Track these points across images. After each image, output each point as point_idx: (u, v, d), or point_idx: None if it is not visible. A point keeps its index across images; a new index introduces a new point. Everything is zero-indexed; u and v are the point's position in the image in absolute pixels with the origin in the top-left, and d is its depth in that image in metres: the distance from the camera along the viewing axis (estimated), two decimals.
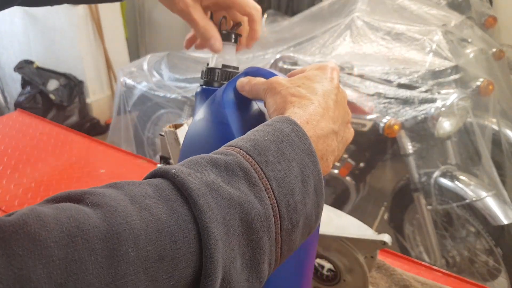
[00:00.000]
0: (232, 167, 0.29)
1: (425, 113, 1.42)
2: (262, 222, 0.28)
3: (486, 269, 1.44)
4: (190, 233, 0.25)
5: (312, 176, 0.32)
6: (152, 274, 0.23)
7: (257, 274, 0.28)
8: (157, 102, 2.05)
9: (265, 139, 0.32)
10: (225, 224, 0.26)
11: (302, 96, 0.38)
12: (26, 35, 2.96)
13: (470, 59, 1.58)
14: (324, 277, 0.62)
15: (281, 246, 0.30)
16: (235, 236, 0.27)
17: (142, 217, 0.24)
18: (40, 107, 2.74)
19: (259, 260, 0.28)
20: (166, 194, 0.26)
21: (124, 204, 0.24)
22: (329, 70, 0.41)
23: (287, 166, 0.31)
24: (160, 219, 0.24)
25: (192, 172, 0.27)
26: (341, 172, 1.65)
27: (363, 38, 1.62)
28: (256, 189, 0.29)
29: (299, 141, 0.33)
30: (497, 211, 1.33)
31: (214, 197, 0.26)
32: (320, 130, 0.36)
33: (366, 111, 1.50)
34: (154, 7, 3.58)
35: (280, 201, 0.29)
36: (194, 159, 0.30)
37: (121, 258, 0.22)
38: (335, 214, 0.63)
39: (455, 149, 1.52)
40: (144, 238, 0.23)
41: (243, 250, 0.27)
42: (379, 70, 1.52)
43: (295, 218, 0.30)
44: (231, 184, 0.28)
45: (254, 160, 0.30)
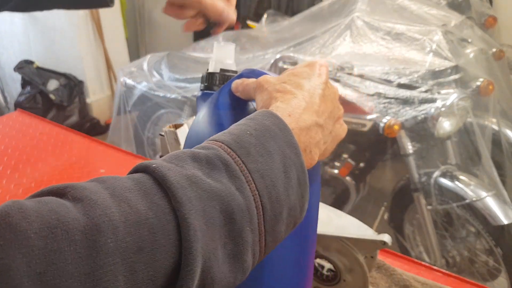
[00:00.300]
0: (213, 161, 0.30)
1: (425, 113, 1.42)
2: (244, 213, 0.29)
3: (486, 269, 1.44)
4: (169, 224, 0.25)
5: (294, 168, 0.33)
6: (130, 264, 0.23)
7: (240, 264, 0.29)
8: (157, 102, 2.05)
9: (246, 132, 0.33)
10: (205, 215, 0.27)
11: (286, 91, 0.39)
12: (26, 35, 2.96)
13: (470, 59, 1.58)
14: (324, 277, 0.62)
15: (265, 237, 0.31)
16: (216, 227, 0.27)
17: (121, 210, 0.24)
18: (40, 107, 2.74)
19: (241, 250, 0.29)
20: (146, 187, 0.27)
21: (103, 197, 0.24)
22: (317, 66, 0.42)
23: (269, 158, 0.32)
24: (139, 211, 0.25)
25: (172, 166, 0.28)
26: (341, 172, 1.65)
27: (363, 38, 1.62)
28: (237, 181, 0.29)
29: (280, 133, 0.34)
30: (497, 211, 1.33)
31: (193, 189, 0.27)
32: (302, 122, 0.36)
33: (366, 111, 1.50)
34: (154, 7, 3.59)
35: (262, 192, 0.30)
36: (176, 153, 0.30)
37: (100, 249, 0.22)
38: (335, 214, 0.63)
39: (455, 149, 1.52)
40: (123, 230, 0.23)
41: (224, 241, 0.28)
42: (379, 70, 1.52)
43: (278, 209, 0.31)
44: (211, 177, 0.29)
45: (235, 153, 0.31)
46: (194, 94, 1.93)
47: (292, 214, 0.33)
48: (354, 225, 0.60)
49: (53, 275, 0.21)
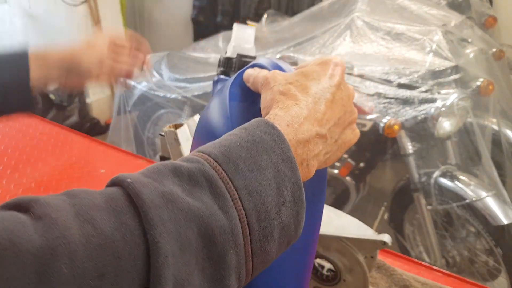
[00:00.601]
0: (195, 176, 0.28)
1: (425, 113, 1.42)
2: (227, 235, 0.26)
3: (486, 269, 1.44)
4: (137, 248, 0.23)
5: (289, 184, 0.31)
6: None
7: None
8: (157, 102, 2.05)
9: (236, 144, 0.30)
10: (179, 238, 0.25)
11: (289, 95, 0.36)
12: (26, 35, 2.95)
13: (470, 59, 1.58)
14: (324, 277, 0.62)
15: (252, 258, 0.28)
16: (192, 251, 0.25)
17: (83, 231, 0.22)
18: (40, 107, 2.74)
19: (223, 274, 0.26)
20: (117, 205, 0.24)
21: (66, 216, 0.22)
22: (331, 66, 0.38)
23: (260, 174, 0.29)
24: (104, 233, 0.23)
25: (149, 182, 0.26)
26: (341, 172, 1.65)
27: (363, 38, 1.62)
28: (221, 200, 0.27)
29: (276, 147, 0.31)
30: (497, 211, 1.33)
31: (169, 209, 0.25)
32: (301, 134, 0.34)
33: (366, 111, 1.50)
34: (154, 7, 3.58)
35: (249, 211, 0.28)
36: (157, 166, 0.28)
37: (52, 275, 0.20)
38: (335, 214, 0.63)
39: (455, 149, 1.51)
40: (82, 254, 0.21)
41: (203, 265, 0.26)
42: (379, 70, 1.52)
43: (268, 228, 0.29)
44: (192, 194, 0.27)
45: (221, 168, 0.28)
46: (194, 94, 1.93)
47: (285, 233, 0.31)
48: (354, 225, 0.60)
49: None
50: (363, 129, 1.52)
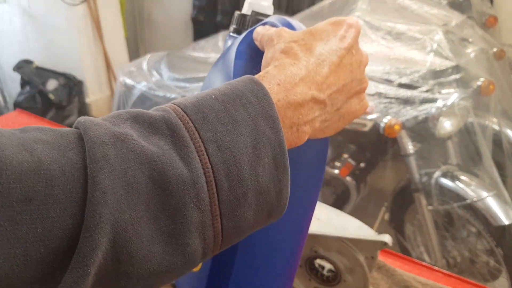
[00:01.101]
0: (156, 124, 0.26)
1: (426, 113, 1.42)
2: (186, 187, 0.24)
3: (487, 270, 1.44)
4: (75, 181, 0.22)
5: (269, 145, 0.28)
6: (11, 214, 0.20)
7: (179, 247, 0.25)
8: (156, 102, 2.04)
9: (211, 96, 0.28)
10: (125, 178, 0.23)
11: (290, 53, 0.33)
12: (25, 35, 2.95)
13: (471, 58, 1.58)
14: (324, 277, 0.62)
15: (221, 220, 0.26)
16: (141, 195, 0.23)
17: (18, 156, 0.21)
18: (39, 107, 2.74)
19: (181, 230, 0.24)
20: (65, 141, 0.23)
21: (5, 142, 0.21)
22: (344, 27, 0.35)
23: (234, 128, 0.27)
24: (40, 161, 0.21)
25: (104, 123, 0.24)
26: (342, 172, 1.65)
27: (363, 37, 1.62)
28: (184, 150, 0.25)
29: (256, 102, 0.28)
30: (498, 212, 1.33)
31: (117, 148, 0.23)
32: (293, 96, 0.30)
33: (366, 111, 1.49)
34: (154, 6, 3.58)
35: (217, 166, 0.26)
36: (119, 112, 0.26)
37: None
38: (335, 214, 0.63)
39: (456, 149, 1.51)
40: (9, 174, 0.20)
41: (155, 214, 0.24)
42: (379, 70, 1.52)
43: (240, 189, 0.26)
44: (149, 140, 0.25)
45: (189, 117, 0.26)
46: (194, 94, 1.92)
47: (264, 200, 0.28)
48: (355, 226, 0.60)
49: None
50: (363, 129, 1.52)
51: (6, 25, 2.98)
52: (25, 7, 2.82)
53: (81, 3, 2.69)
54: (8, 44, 3.05)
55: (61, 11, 2.70)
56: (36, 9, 2.80)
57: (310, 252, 0.60)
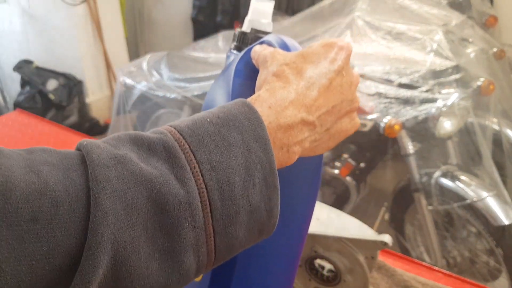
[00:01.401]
0: (154, 146, 0.27)
1: (426, 113, 1.42)
2: (182, 207, 0.25)
3: (487, 270, 1.44)
4: (78, 202, 0.23)
5: (260, 165, 0.29)
6: (19, 233, 0.21)
7: (175, 264, 0.26)
8: (156, 102, 2.04)
9: (206, 119, 0.29)
10: (125, 199, 0.24)
11: (281, 77, 0.34)
12: (25, 35, 2.95)
13: (471, 58, 1.58)
14: (324, 277, 0.62)
15: (214, 238, 0.27)
16: (140, 215, 0.24)
17: (25, 178, 0.22)
18: (39, 107, 2.74)
19: (177, 248, 0.25)
20: (69, 163, 0.24)
21: (12, 163, 0.23)
22: (335, 49, 0.36)
23: (227, 150, 0.28)
24: (46, 182, 0.23)
25: (105, 146, 0.26)
26: (342, 172, 1.65)
27: (363, 37, 1.62)
28: (180, 171, 0.26)
29: (248, 125, 0.30)
30: (498, 212, 1.33)
31: (118, 170, 0.24)
32: (283, 118, 0.32)
33: (366, 111, 1.50)
34: (154, 6, 3.58)
35: (211, 187, 0.27)
36: (119, 134, 0.28)
37: None
38: (335, 214, 0.63)
39: (456, 149, 1.51)
40: (18, 195, 0.21)
41: (153, 233, 0.25)
42: (379, 70, 1.52)
43: (233, 208, 0.27)
44: (147, 162, 0.26)
45: (184, 140, 0.27)
46: (194, 94, 1.92)
47: (255, 218, 0.29)
48: (355, 226, 0.60)
49: None
50: (363, 129, 1.52)
51: (6, 25, 2.98)
52: (25, 7, 2.82)
53: (81, 3, 2.69)
54: (8, 44, 3.05)
55: (61, 11, 2.70)
56: (36, 9, 2.80)
57: (310, 252, 0.60)
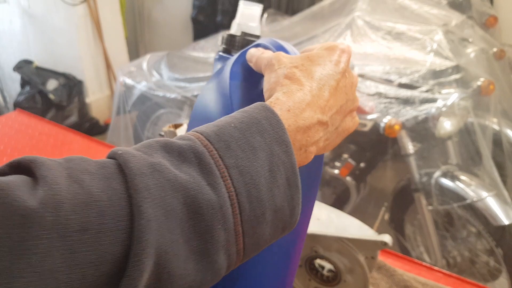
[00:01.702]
0: (185, 153, 0.28)
1: (426, 113, 1.42)
2: (214, 210, 0.27)
3: (487, 270, 1.44)
4: (122, 211, 0.24)
5: (283, 167, 0.31)
6: (70, 244, 0.22)
7: (209, 265, 0.27)
8: (156, 102, 2.04)
9: (230, 125, 0.30)
10: (164, 206, 0.25)
11: (294, 79, 0.35)
12: (25, 35, 2.95)
13: (471, 58, 1.58)
14: (325, 277, 0.62)
15: (243, 238, 0.28)
16: (177, 220, 0.26)
17: (70, 189, 0.23)
18: (39, 107, 2.74)
19: (210, 249, 0.27)
20: (108, 172, 0.26)
21: (56, 175, 0.24)
22: (338, 52, 0.38)
23: (252, 154, 0.29)
24: (90, 193, 0.24)
25: (138, 154, 0.27)
26: (342, 172, 1.65)
27: (363, 37, 1.62)
28: (210, 176, 0.27)
29: (271, 129, 0.31)
30: (498, 212, 1.33)
31: (155, 178, 0.26)
32: (302, 120, 0.33)
33: (366, 111, 1.50)
34: (154, 6, 3.58)
35: (239, 190, 0.28)
36: (149, 142, 0.29)
37: (35, 221, 0.22)
38: (336, 214, 0.63)
39: (456, 149, 1.51)
40: (67, 207, 0.23)
41: (188, 236, 0.26)
42: (379, 70, 1.52)
43: (260, 209, 0.29)
44: (180, 168, 0.27)
45: (212, 146, 0.29)
46: (193, 94, 1.92)
47: (279, 217, 0.31)
48: (355, 226, 0.60)
49: None
50: (363, 129, 1.52)
51: (6, 25, 2.98)
52: (25, 7, 2.82)
53: (81, 3, 2.69)
54: (8, 44, 3.05)
55: (61, 11, 2.70)
56: (36, 9, 2.80)
57: (310, 252, 0.60)
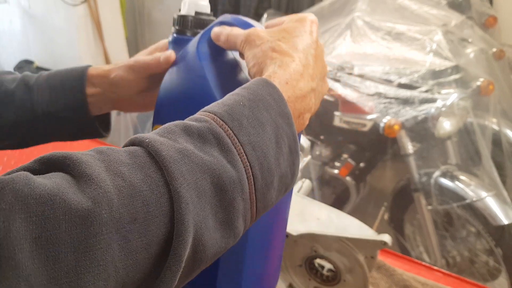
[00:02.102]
0: (205, 135, 0.30)
1: (426, 113, 1.42)
2: (235, 185, 0.30)
3: (487, 269, 1.44)
4: (162, 197, 0.26)
5: (286, 137, 0.34)
6: (124, 234, 0.24)
7: (231, 231, 0.30)
8: None
9: (239, 103, 0.33)
10: (197, 188, 0.28)
11: (283, 52, 0.37)
12: (25, 35, 2.95)
13: (470, 59, 1.58)
14: (324, 277, 0.62)
15: (256, 204, 0.32)
16: (207, 198, 0.29)
17: (114, 184, 0.25)
18: None
19: (232, 218, 0.30)
20: (141, 161, 0.27)
21: (98, 171, 0.25)
22: (308, 22, 0.40)
23: (261, 129, 0.32)
24: (132, 185, 0.26)
25: (165, 141, 0.29)
26: (341, 172, 1.65)
27: (363, 37, 1.62)
28: (229, 155, 0.30)
29: (274, 104, 0.34)
30: (497, 211, 1.33)
31: (186, 163, 0.28)
32: (299, 91, 0.36)
33: (366, 111, 1.50)
34: (154, 6, 3.58)
35: (253, 164, 0.31)
36: (168, 127, 0.31)
37: (94, 219, 0.23)
38: (335, 214, 0.63)
39: (455, 149, 1.51)
40: (117, 202, 0.24)
41: (215, 210, 0.29)
42: (379, 70, 1.52)
43: (269, 178, 0.32)
44: (203, 150, 0.30)
45: (227, 126, 0.31)
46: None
47: (283, 181, 0.34)
48: (354, 225, 0.60)
49: (47, 240, 0.22)
50: (363, 129, 1.52)
51: (6, 25, 2.98)
52: (25, 7, 2.82)
53: (81, 3, 2.69)
54: (8, 44, 3.05)
55: (61, 11, 2.70)
56: (36, 9, 2.80)
57: (310, 252, 0.60)
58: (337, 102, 1.59)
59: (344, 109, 1.58)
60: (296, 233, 0.59)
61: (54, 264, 0.22)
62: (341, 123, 1.60)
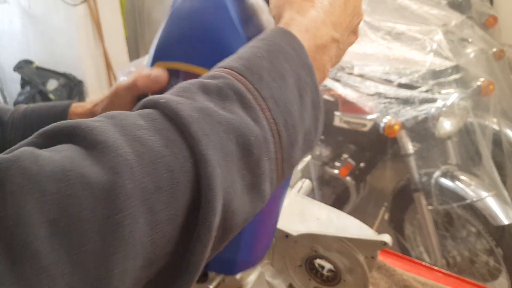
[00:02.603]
0: (224, 91, 0.28)
1: (426, 113, 1.42)
2: (261, 144, 0.27)
3: (487, 270, 1.44)
4: (186, 162, 0.24)
5: (309, 90, 0.31)
6: (150, 205, 0.22)
7: (259, 194, 0.28)
8: None
9: (257, 56, 0.30)
10: (222, 149, 0.25)
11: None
12: (25, 35, 2.95)
13: (470, 59, 1.58)
14: (324, 277, 0.62)
15: (282, 164, 0.29)
16: (233, 160, 0.26)
17: (133, 149, 0.22)
18: None
19: (259, 180, 0.28)
20: (158, 124, 0.25)
21: (113, 137, 0.22)
22: None
23: (283, 82, 0.30)
24: (153, 149, 0.23)
25: (182, 100, 0.26)
26: (342, 172, 1.65)
27: (363, 37, 1.62)
28: (252, 111, 0.28)
29: (295, 54, 0.31)
30: (497, 211, 1.33)
31: (208, 123, 0.25)
32: (319, 40, 0.33)
33: (366, 111, 1.50)
34: (154, 6, 3.58)
35: (278, 120, 0.28)
36: (183, 85, 0.28)
37: (119, 191, 0.20)
38: (335, 214, 0.63)
39: (455, 149, 1.51)
40: (139, 170, 0.22)
41: (242, 173, 0.27)
42: (379, 70, 1.52)
43: (294, 135, 0.30)
44: (225, 108, 0.27)
45: (247, 80, 0.28)
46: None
47: (308, 138, 0.32)
48: (355, 225, 0.60)
49: (67, 221, 0.19)
50: (363, 129, 1.52)
51: (6, 25, 2.98)
52: (25, 7, 2.82)
53: (81, 3, 2.69)
54: (8, 44, 3.05)
55: (61, 11, 2.70)
56: (36, 9, 2.80)
57: (310, 252, 0.60)
58: (337, 102, 1.58)
59: (344, 109, 1.58)
60: (296, 233, 0.59)
61: (78, 248, 0.19)
62: (341, 123, 1.59)
